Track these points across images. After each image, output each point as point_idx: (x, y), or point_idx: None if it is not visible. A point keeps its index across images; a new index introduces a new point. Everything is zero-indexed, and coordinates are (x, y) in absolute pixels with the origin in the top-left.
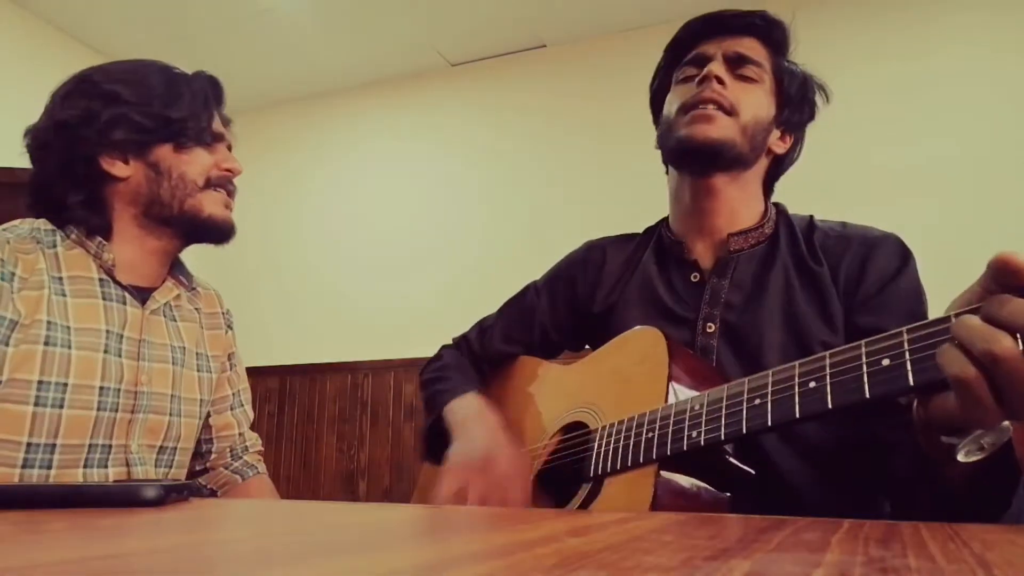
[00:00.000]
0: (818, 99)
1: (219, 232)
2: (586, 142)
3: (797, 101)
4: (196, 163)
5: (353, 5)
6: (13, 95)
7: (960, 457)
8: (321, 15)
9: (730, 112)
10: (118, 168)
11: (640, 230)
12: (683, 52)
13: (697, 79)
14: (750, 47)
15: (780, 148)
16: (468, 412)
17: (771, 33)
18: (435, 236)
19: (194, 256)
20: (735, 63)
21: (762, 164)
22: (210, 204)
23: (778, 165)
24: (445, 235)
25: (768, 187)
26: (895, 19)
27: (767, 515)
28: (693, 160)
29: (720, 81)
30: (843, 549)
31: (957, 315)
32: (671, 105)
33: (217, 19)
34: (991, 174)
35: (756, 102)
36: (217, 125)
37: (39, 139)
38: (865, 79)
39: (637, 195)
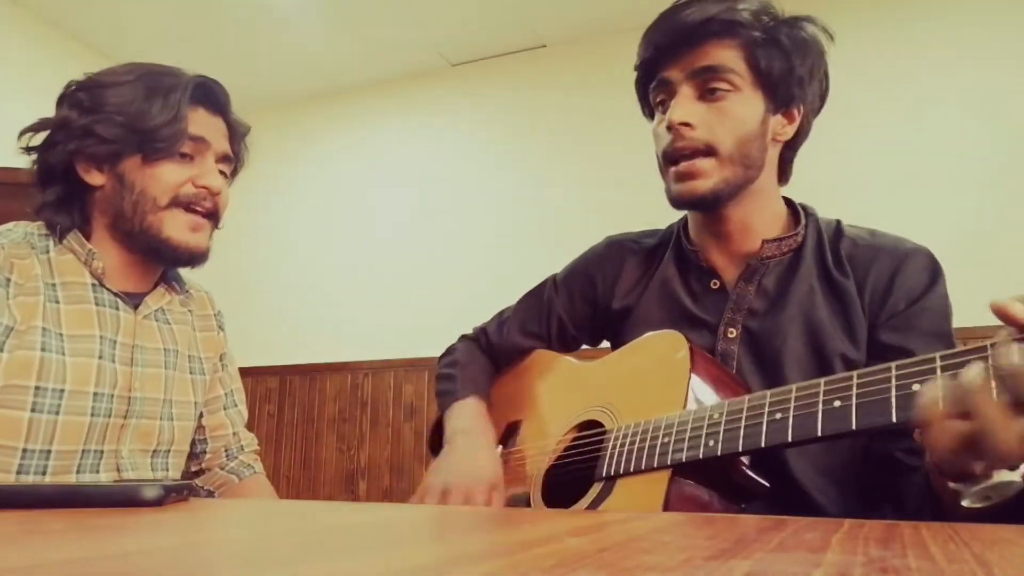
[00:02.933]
0: (823, 40)
1: (178, 256)
2: (587, 142)
3: (786, 74)
4: (162, 179)
5: (354, 5)
6: (13, 95)
7: (965, 503)
8: (322, 15)
9: (708, 152)
10: (93, 176)
11: (651, 227)
12: (651, 71)
13: (665, 122)
14: (715, 53)
15: (786, 133)
16: (461, 424)
17: (733, 29)
18: (435, 236)
19: (163, 263)
20: (703, 78)
21: (770, 162)
22: (171, 226)
23: (791, 146)
24: (445, 235)
25: (785, 171)
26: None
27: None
28: (683, 209)
29: (687, 124)
30: (843, 549)
31: (990, 344)
32: (655, 142)
33: (217, 19)
34: (1013, 173)
35: (734, 122)
36: (203, 133)
37: (24, 140)
38: (884, 80)
39: (638, 194)
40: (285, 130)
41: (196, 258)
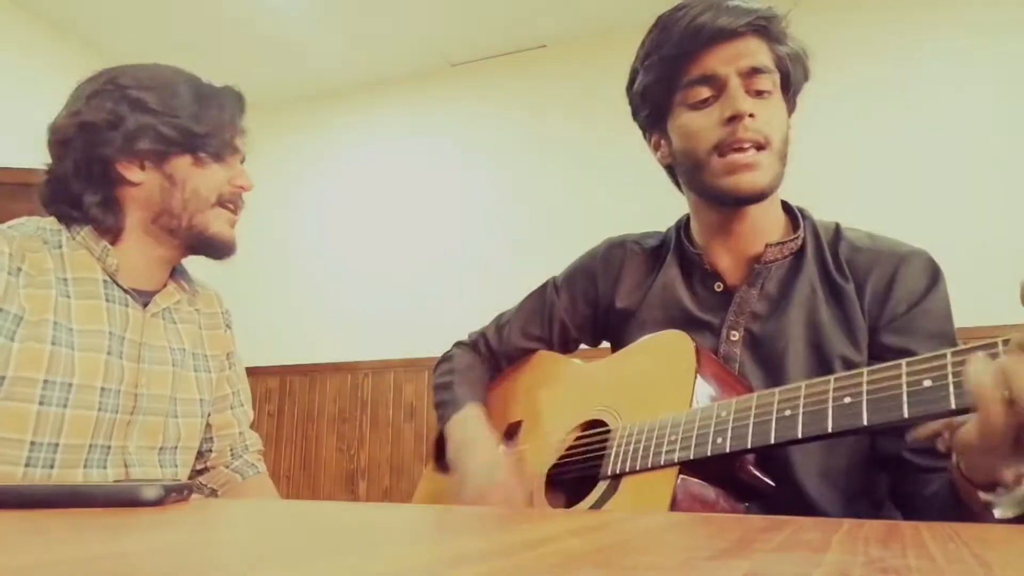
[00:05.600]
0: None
1: (220, 250)
2: (587, 142)
3: (799, 83)
4: (211, 179)
5: (353, 5)
6: (12, 94)
7: (997, 514)
8: (322, 15)
9: (765, 146)
10: (134, 173)
11: (650, 228)
12: (685, 62)
13: (727, 116)
14: (758, 52)
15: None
16: (463, 435)
17: (768, 31)
18: (436, 235)
19: (195, 255)
20: (750, 77)
21: None
22: (216, 222)
23: None
24: (446, 234)
25: None
26: (889, 16)
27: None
28: (737, 204)
29: (753, 115)
30: (843, 549)
31: (1001, 341)
32: (691, 138)
33: (217, 18)
34: (1013, 173)
35: (779, 120)
36: (237, 140)
37: (60, 134)
38: (868, 76)
39: (638, 194)
40: (285, 130)
41: (231, 250)
